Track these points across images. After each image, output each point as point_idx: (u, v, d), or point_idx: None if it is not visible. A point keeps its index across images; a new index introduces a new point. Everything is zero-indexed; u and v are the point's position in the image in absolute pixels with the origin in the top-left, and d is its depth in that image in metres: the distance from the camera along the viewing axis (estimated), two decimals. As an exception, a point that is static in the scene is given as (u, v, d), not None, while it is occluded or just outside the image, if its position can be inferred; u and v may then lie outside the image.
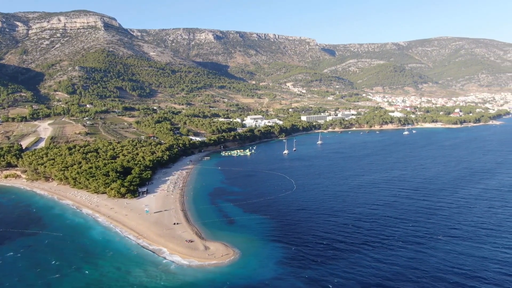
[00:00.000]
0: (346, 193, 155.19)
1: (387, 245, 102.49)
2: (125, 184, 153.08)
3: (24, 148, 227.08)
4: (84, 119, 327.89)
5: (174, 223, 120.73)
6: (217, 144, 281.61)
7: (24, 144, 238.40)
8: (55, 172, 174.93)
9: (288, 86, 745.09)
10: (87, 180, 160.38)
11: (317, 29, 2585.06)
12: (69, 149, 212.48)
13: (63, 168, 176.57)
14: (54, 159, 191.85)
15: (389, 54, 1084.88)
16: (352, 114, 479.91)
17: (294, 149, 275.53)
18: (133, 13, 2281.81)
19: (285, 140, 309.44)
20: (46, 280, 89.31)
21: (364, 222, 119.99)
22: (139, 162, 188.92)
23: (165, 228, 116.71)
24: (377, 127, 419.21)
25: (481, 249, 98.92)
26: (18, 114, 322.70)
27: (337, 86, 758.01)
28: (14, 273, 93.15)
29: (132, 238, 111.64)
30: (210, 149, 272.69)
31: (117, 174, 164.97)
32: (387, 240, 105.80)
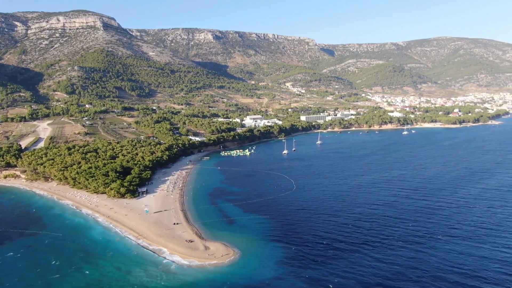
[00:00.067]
0: (346, 193, 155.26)
1: (387, 245, 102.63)
2: (125, 184, 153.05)
3: (24, 148, 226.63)
4: (84, 119, 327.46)
5: (174, 223, 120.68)
6: (217, 144, 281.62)
7: (24, 144, 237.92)
8: (55, 172, 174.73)
9: (287, 86, 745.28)
10: (87, 180, 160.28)
11: (316, 29, 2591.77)
12: (69, 149, 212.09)
13: (63, 168, 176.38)
14: (54, 159, 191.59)
15: (388, 54, 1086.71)
16: (352, 114, 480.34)
17: (294, 149, 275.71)
18: (132, 13, 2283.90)
19: (285, 140, 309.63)
20: (46, 280, 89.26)
21: (364, 222, 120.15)
22: (139, 162, 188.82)
23: (165, 228, 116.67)
24: (377, 127, 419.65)
25: (481, 249, 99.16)
26: (17, 114, 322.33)
27: (336, 86, 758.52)
28: (14, 273, 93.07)
29: (132, 238, 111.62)
30: (210, 149, 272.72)
31: (117, 174, 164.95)
32: (387, 240, 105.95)
